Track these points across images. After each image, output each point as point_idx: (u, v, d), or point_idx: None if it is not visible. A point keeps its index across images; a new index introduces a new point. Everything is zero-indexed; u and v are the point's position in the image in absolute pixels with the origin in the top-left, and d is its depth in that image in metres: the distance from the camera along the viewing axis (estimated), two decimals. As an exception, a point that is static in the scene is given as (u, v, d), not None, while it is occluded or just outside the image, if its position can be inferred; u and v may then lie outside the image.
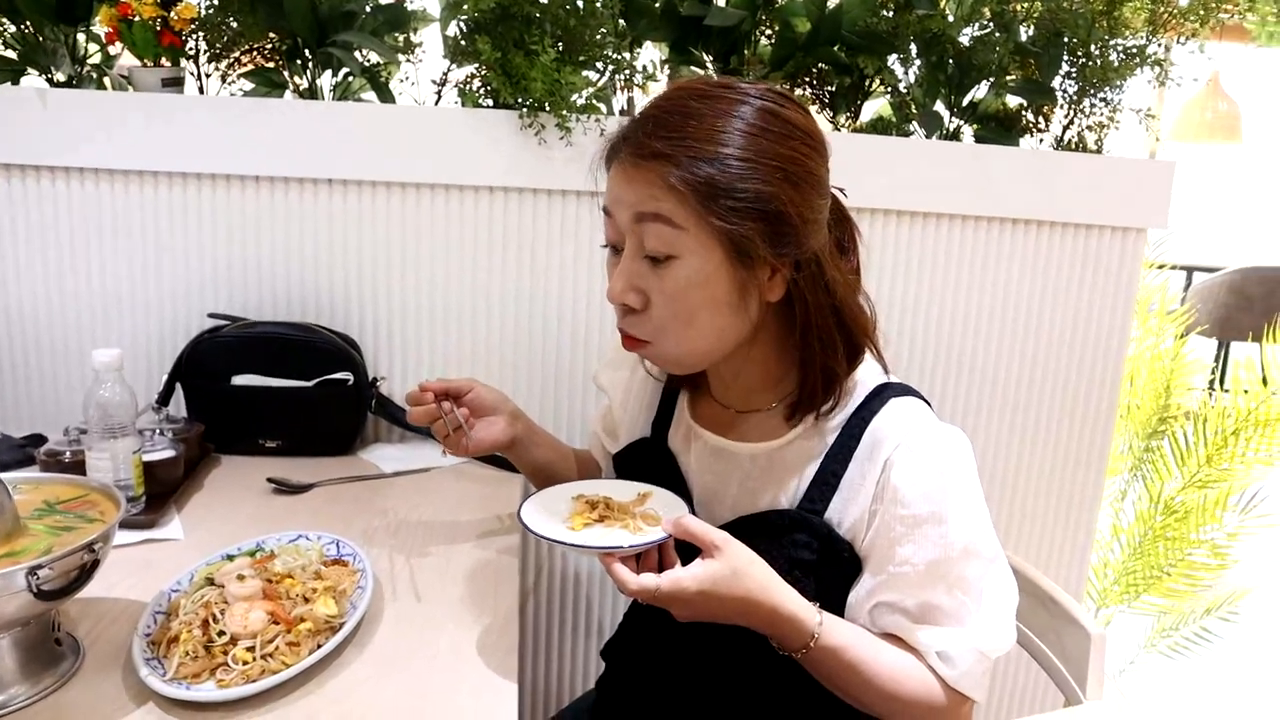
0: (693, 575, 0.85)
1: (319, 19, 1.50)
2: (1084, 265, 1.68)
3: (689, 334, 0.92)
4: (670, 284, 0.89)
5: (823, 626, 0.89)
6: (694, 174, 0.86)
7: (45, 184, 1.51)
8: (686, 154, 0.86)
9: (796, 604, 0.89)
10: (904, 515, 0.90)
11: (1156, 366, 2.34)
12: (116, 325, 1.56)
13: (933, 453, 0.92)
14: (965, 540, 0.90)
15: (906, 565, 0.90)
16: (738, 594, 0.86)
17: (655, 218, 0.88)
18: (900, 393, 0.97)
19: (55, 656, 0.89)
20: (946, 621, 0.91)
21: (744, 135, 0.87)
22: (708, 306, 0.90)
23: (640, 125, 0.90)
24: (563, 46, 1.51)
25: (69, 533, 0.89)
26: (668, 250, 0.88)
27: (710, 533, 0.88)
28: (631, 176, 0.89)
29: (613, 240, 0.94)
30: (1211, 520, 2.21)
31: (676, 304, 0.90)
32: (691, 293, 0.89)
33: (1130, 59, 1.61)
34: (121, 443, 1.18)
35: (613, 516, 0.95)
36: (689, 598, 0.85)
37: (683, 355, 0.95)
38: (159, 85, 1.51)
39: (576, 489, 1.01)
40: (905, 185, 1.61)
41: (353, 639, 0.97)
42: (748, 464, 1.00)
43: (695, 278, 0.89)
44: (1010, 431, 1.74)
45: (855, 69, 1.63)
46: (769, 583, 0.88)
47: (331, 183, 1.54)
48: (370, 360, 1.59)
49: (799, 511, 0.95)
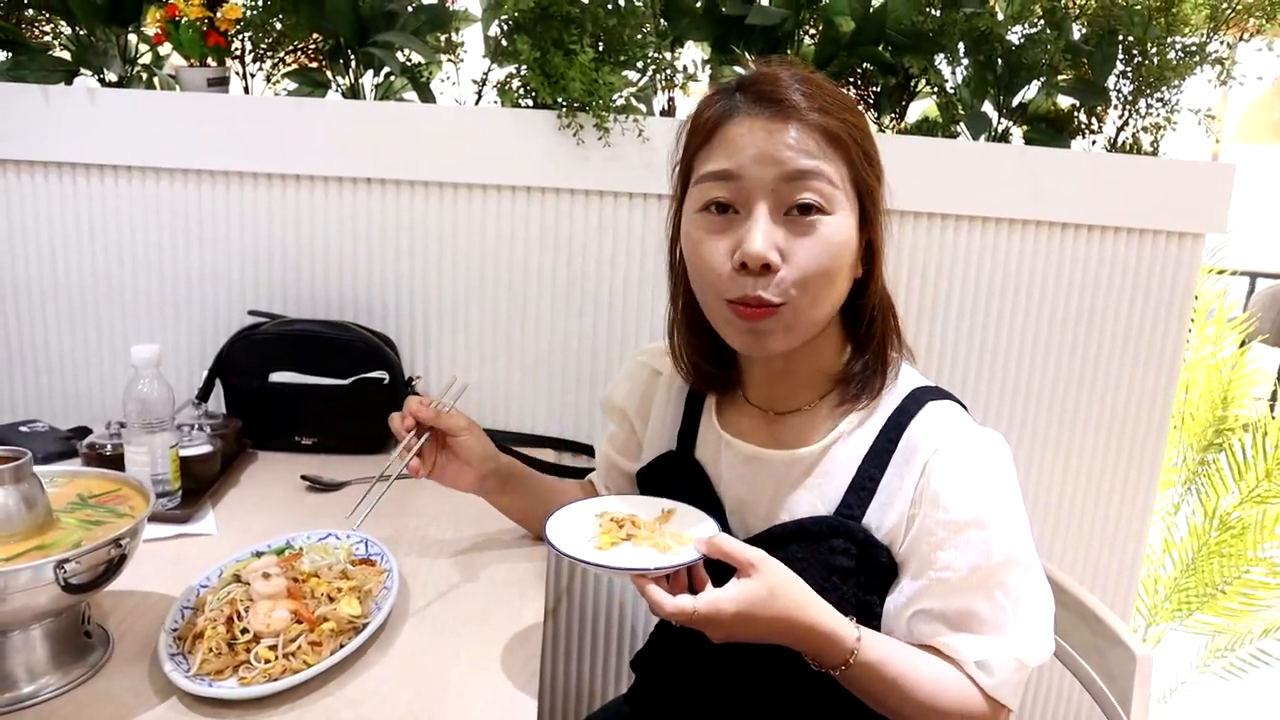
0: (730, 597, 0.83)
1: (361, 19, 1.51)
2: (1138, 271, 1.63)
3: (824, 297, 0.89)
4: (818, 241, 0.87)
5: (861, 642, 0.87)
6: (849, 133, 0.88)
7: (95, 181, 1.54)
8: (839, 110, 0.88)
9: (835, 620, 0.87)
10: (945, 520, 0.88)
11: (1214, 376, 2.26)
12: (160, 320, 1.59)
13: (973, 457, 0.90)
14: (1007, 546, 0.88)
15: (948, 570, 0.88)
16: (776, 614, 0.84)
17: (816, 174, 0.86)
18: (937, 396, 0.95)
19: (85, 648, 0.90)
20: (986, 629, 0.89)
21: (857, 111, 0.91)
22: (845, 269, 0.90)
23: (767, 83, 0.88)
24: (603, 46, 1.50)
25: (99, 527, 0.90)
26: (827, 204, 0.87)
27: (745, 551, 0.85)
28: (774, 128, 0.86)
29: (730, 200, 0.88)
30: (1270, 538, 2.12)
31: (821, 261, 0.87)
32: (837, 250, 0.88)
33: (1189, 57, 1.55)
34: (159, 437, 1.19)
35: (640, 535, 0.93)
36: (726, 620, 0.83)
37: (814, 319, 0.91)
38: (205, 85, 1.53)
39: (599, 506, 0.99)
40: (951, 188, 1.58)
41: (376, 640, 0.96)
42: (782, 470, 0.97)
43: (843, 236, 0.88)
44: (1058, 440, 1.69)
45: (900, 69, 1.60)
46: (806, 600, 0.86)
47: (371, 182, 1.55)
48: (406, 359, 1.60)
49: (837, 517, 0.93)
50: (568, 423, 1.66)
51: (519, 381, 1.64)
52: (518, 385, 1.65)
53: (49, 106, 1.48)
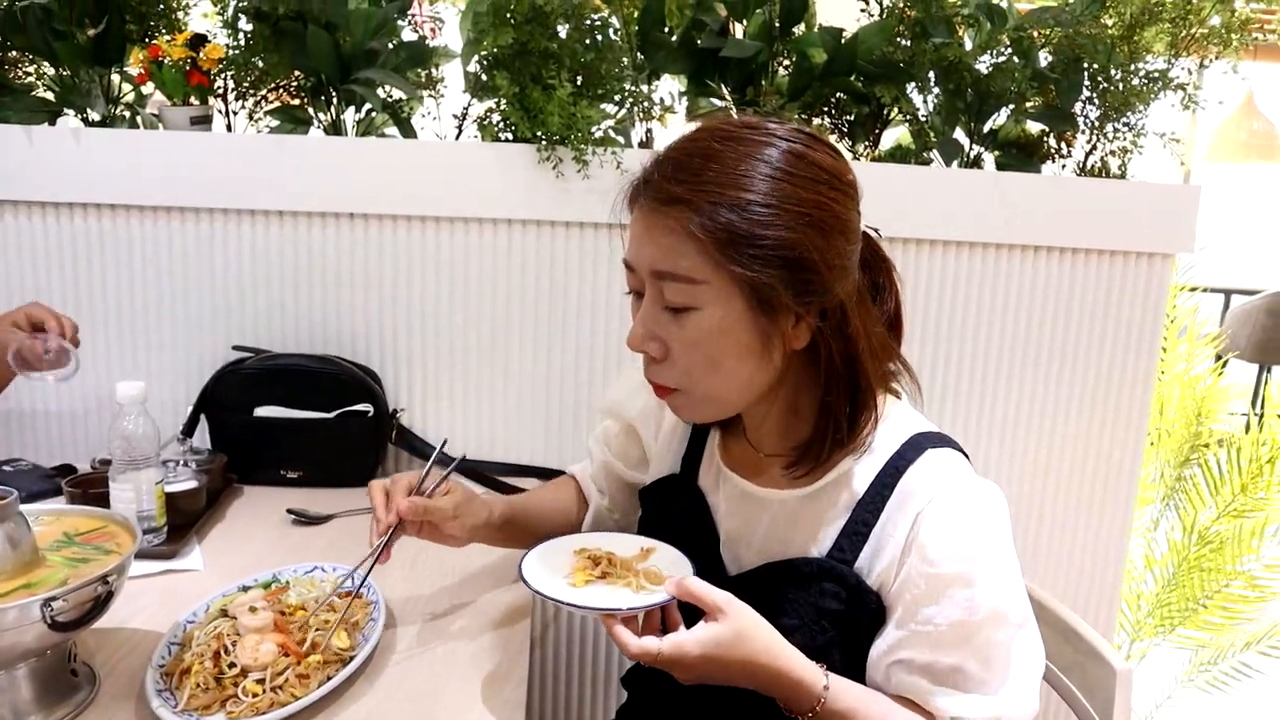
0: (695, 639, 0.84)
1: (342, 57, 1.53)
2: (1109, 291, 1.66)
3: (714, 381, 0.90)
4: (691, 333, 0.88)
5: (829, 690, 0.87)
6: (714, 221, 0.83)
7: (80, 220, 1.55)
8: (707, 200, 0.84)
9: (803, 667, 0.87)
10: (930, 574, 0.87)
11: (1188, 393, 2.30)
12: (145, 357, 1.60)
13: (965, 510, 0.89)
14: (993, 604, 0.86)
15: (930, 625, 0.87)
16: (741, 657, 0.85)
17: (673, 276, 0.87)
18: (937, 443, 0.94)
19: (71, 686, 0.91)
20: (968, 686, 0.87)
21: (768, 180, 0.85)
22: (731, 355, 0.88)
23: (660, 168, 0.89)
24: (580, 81, 1.53)
25: (85, 564, 0.90)
26: (687, 302, 0.87)
27: (713, 594, 0.86)
28: (650, 224, 0.88)
29: (634, 288, 0.93)
30: (1248, 551, 2.15)
31: (698, 353, 0.88)
32: (713, 341, 0.88)
33: (1152, 83, 1.59)
34: (144, 474, 1.20)
35: (615, 574, 0.95)
36: (691, 661, 0.84)
37: (709, 403, 0.93)
38: (188, 123, 1.55)
39: (579, 542, 1.01)
40: (926, 213, 1.61)
41: (363, 671, 0.97)
42: (776, 509, 0.98)
43: (716, 327, 0.87)
44: (1035, 461, 1.72)
45: (873, 98, 1.63)
46: (773, 645, 0.87)
47: (354, 217, 1.57)
48: (390, 392, 1.61)
49: (828, 560, 0.93)
50: (552, 452, 1.67)
51: (503, 412, 1.66)
52: (501, 415, 1.66)
53: (33, 147, 1.50)
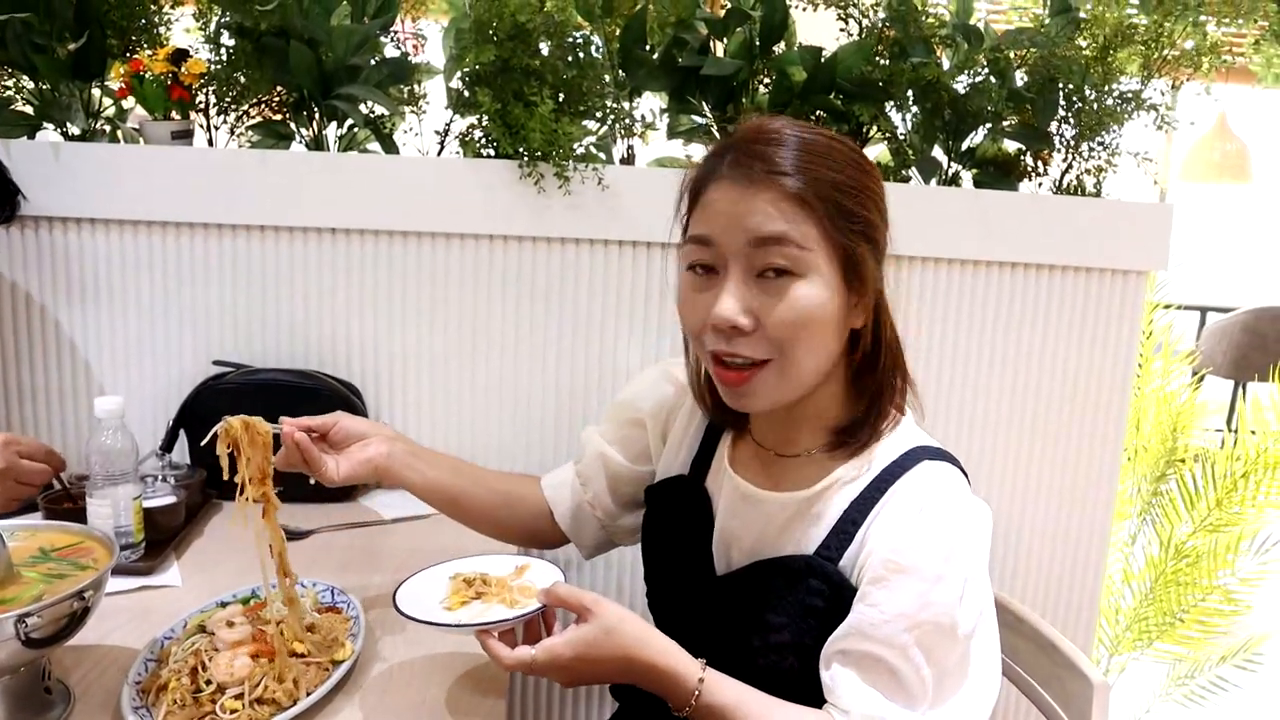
0: (566, 641, 0.87)
1: (324, 72, 1.53)
2: (1085, 308, 1.68)
3: (803, 352, 0.90)
4: (790, 301, 0.88)
5: (704, 684, 0.88)
6: (823, 190, 0.88)
7: (59, 234, 1.54)
8: (811, 169, 0.88)
9: (677, 660, 0.88)
10: (889, 559, 0.88)
11: (1164, 408, 2.32)
12: (124, 372, 1.59)
13: (945, 517, 0.90)
14: (945, 609, 0.85)
15: (875, 609, 0.87)
16: (612, 652, 0.87)
17: (784, 240, 0.87)
18: (935, 457, 0.95)
19: (45, 704, 0.90)
20: (892, 693, 0.85)
21: (853, 165, 0.92)
22: (821, 324, 0.89)
23: (746, 146, 0.90)
24: (562, 97, 1.54)
25: (61, 580, 0.90)
26: (793, 268, 0.88)
27: (579, 596, 0.89)
28: (753, 192, 0.88)
29: (709, 261, 0.91)
30: (1224, 565, 2.17)
31: (795, 321, 0.88)
32: (810, 310, 0.88)
33: (1126, 104, 1.62)
34: (122, 489, 1.19)
35: (490, 593, 0.98)
36: (566, 663, 0.87)
37: (794, 381, 0.92)
38: (169, 138, 1.54)
39: (453, 568, 1.03)
40: (903, 231, 1.59)
41: (343, 686, 0.96)
42: (775, 510, 0.99)
43: (816, 295, 0.88)
44: (1014, 476, 1.73)
45: (852, 116, 1.65)
46: (644, 636, 0.88)
47: (335, 232, 1.57)
48: (372, 407, 1.61)
49: (815, 557, 0.94)
50: (533, 467, 1.66)
51: (484, 426, 1.65)
52: (483, 431, 1.66)
53: (11, 160, 1.48)
